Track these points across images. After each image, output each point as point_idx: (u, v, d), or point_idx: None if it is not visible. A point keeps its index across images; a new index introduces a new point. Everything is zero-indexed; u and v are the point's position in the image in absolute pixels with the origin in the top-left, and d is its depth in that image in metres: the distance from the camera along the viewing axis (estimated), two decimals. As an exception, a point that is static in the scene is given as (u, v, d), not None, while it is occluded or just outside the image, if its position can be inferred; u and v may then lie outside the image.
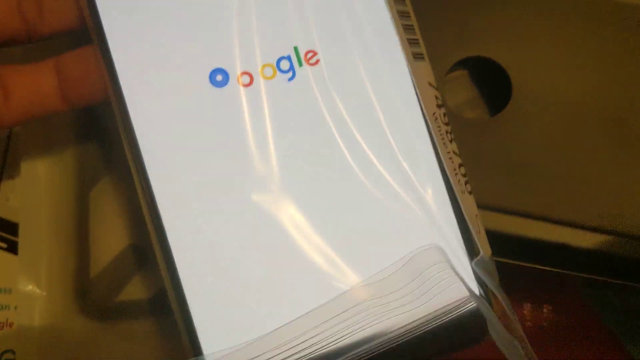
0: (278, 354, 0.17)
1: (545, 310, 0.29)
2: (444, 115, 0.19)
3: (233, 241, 0.18)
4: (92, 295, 0.27)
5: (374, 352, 0.17)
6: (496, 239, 0.23)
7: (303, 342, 0.17)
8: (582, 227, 0.23)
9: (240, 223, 0.18)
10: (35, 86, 0.19)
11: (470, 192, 0.19)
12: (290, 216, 0.18)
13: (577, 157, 0.24)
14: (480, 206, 0.23)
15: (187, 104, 0.18)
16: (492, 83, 0.27)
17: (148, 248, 0.27)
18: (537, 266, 0.23)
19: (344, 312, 0.17)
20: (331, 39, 0.19)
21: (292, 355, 0.17)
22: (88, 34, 0.19)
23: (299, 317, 0.17)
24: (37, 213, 0.27)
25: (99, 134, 0.28)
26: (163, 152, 0.18)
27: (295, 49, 0.18)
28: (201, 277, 0.18)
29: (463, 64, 0.27)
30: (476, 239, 0.18)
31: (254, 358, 0.17)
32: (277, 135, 0.18)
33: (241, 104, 0.18)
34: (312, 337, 0.17)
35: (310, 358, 0.17)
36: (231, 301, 0.17)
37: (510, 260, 0.23)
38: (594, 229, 0.23)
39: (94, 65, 0.19)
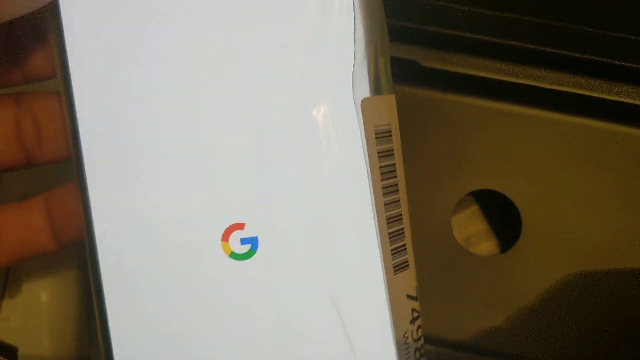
0: None
1: None
2: (418, 329, 0.17)
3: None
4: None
5: None
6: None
7: None
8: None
9: None
10: (25, 226, 0.19)
11: None
12: None
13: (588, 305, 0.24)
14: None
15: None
16: (502, 215, 0.27)
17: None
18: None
19: None
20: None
21: None
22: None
23: None
24: (37, 337, 0.27)
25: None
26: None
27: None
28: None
29: (473, 195, 0.27)
30: None
31: None
32: None
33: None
34: None
35: None
36: None
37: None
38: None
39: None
